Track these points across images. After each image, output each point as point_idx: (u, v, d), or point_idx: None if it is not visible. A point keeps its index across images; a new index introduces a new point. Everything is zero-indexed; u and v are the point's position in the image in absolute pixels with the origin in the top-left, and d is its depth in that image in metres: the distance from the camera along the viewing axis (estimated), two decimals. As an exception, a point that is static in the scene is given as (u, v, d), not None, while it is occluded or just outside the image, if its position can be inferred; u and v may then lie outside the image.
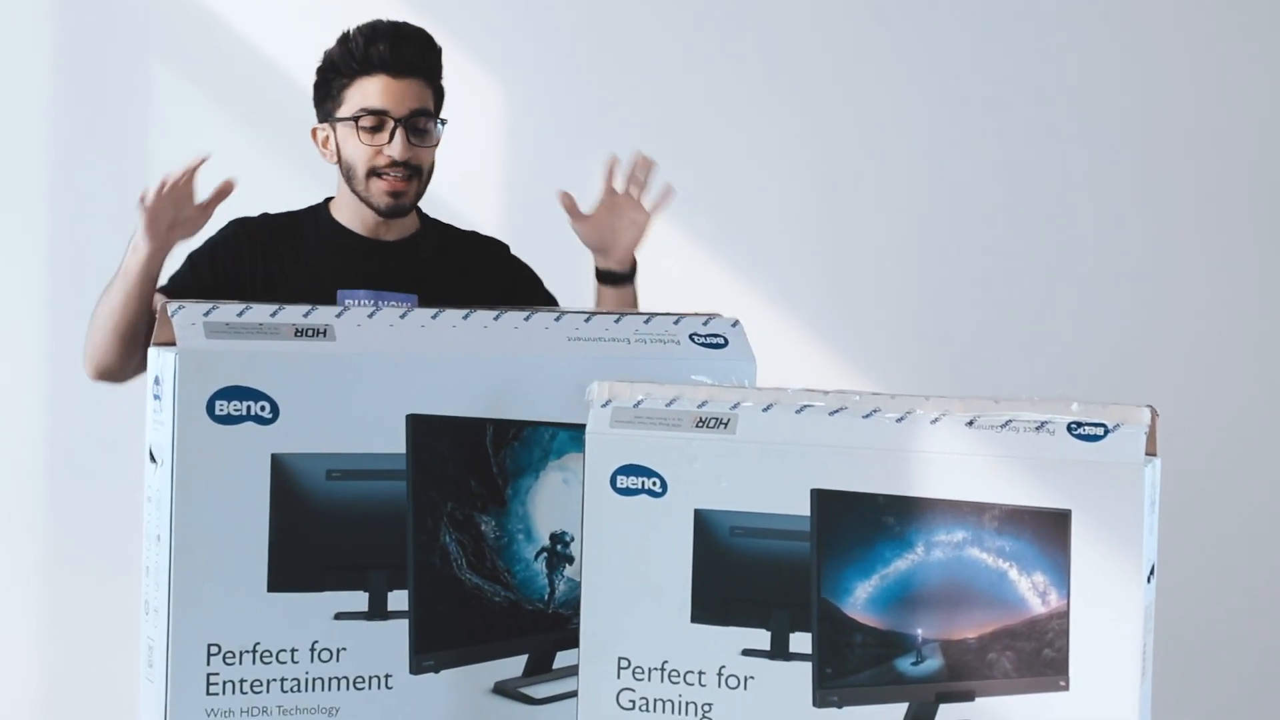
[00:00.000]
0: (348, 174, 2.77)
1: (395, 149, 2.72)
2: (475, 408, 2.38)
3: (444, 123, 2.80)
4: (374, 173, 2.74)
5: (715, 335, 2.53)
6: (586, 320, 2.50)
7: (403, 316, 2.45)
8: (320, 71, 2.78)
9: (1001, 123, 4.04)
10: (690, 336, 2.52)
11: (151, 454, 2.32)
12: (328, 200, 2.87)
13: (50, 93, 3.86)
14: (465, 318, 2.43)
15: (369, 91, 2.73)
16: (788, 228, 3.96)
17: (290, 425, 2.30)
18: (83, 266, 3.86)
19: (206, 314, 2.32)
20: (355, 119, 2.73)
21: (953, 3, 4.03)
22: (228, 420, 2.28)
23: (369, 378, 2.34)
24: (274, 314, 2.35)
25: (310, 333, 2.36)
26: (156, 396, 2.31)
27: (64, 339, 3.85)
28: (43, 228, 3.88)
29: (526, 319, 2.45)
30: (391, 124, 2.72)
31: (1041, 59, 4.04)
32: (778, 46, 4.00)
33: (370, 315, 2.40)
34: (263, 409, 2.30)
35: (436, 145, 2.79)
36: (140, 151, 3.89)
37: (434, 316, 2.43)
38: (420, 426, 2.35)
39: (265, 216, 2.86)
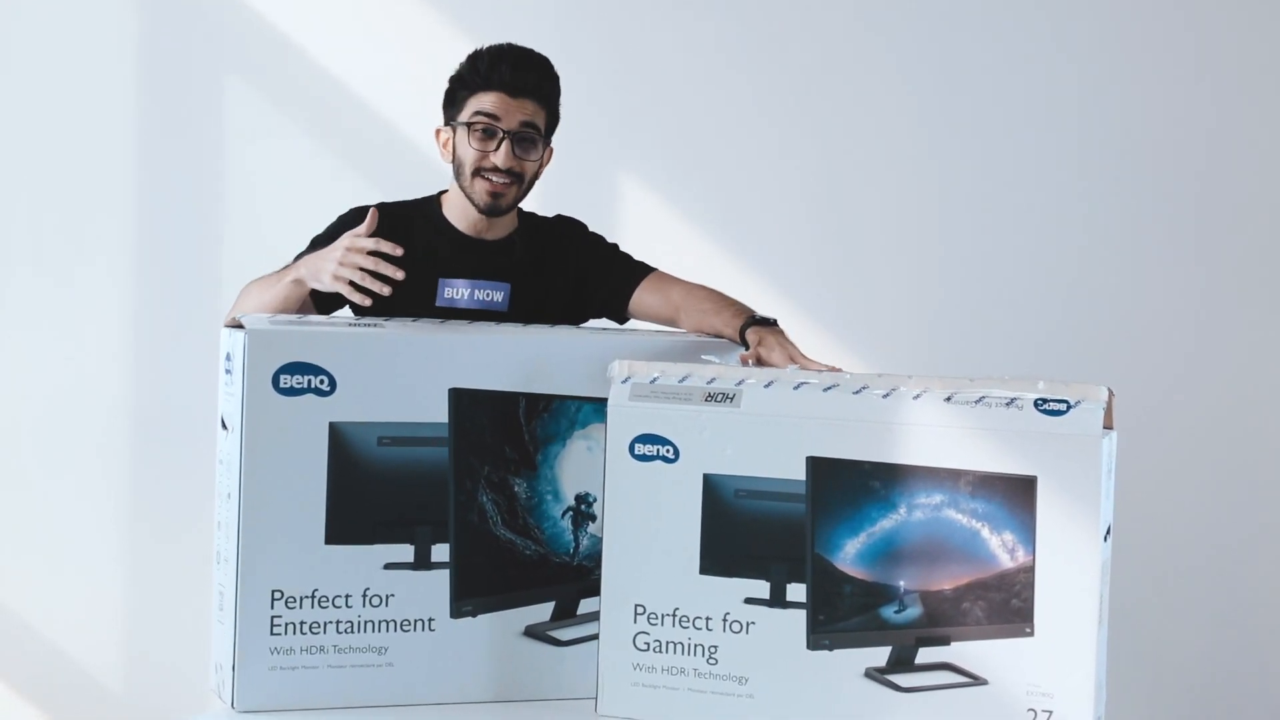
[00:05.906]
0: (457, 171, 2.76)
1: (500, 156, 2.72)
2: (510, 383, 2.37)
3: (550, 146, 2.78)
4: (478, 173, 2.74)
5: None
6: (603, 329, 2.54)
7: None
8: (450, 81, 2.78)
9: (987, 128, 4.02)
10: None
11: (223, 422, 2.33)
12: (440, 194, 2.85)
13: (136, 102, 3.85)
14: (498, 325, 2.45)
15: (485, 102, 2.73)
16: (793, 229, 3.97)
17: (346, 397, 2.31)
18: (163, 258, 3.87)
19: (271, 319, 2.36)
20: (470, 123, 2.75)
21: (941, 18, 4.01)
22: (291, 392, 2.29)
23: (416, 356, 2.34)
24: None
25: (363, 324, 2.38)
26: (228, 371, 2.32)
27: (147, 323, 3.86)
28: (129, 223, 3.86)
29: (551, 328, 2.47)
30: (501, 133, 2.73)
31: (1018, 71, 4.03)
32: (784, 67, 4.00)
33: (414, 320, 2.42)
34: (322, 383, 2.30)
35: (540, 160, 2.77)
36: (215, 154, 3.88)
37: (470, 323, 2.45)
38: (461, 399, 2.35)
39: (382, 206, 2.80)
